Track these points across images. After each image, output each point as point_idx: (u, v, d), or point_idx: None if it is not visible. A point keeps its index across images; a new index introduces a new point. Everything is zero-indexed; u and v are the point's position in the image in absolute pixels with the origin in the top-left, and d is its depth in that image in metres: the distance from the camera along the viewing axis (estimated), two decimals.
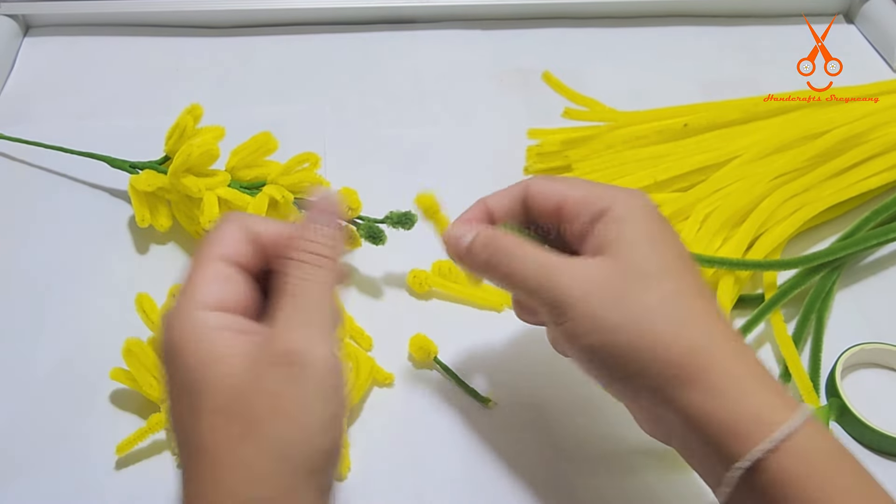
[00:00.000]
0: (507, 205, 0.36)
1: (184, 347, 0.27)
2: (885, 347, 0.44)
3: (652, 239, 0.32)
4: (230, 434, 0.26)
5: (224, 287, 0.28)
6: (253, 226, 0.30)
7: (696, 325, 0.30)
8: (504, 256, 0.33)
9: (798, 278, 0.47)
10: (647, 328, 0.29)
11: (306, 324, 0.27)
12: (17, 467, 0.39)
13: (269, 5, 0.66)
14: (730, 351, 0.30)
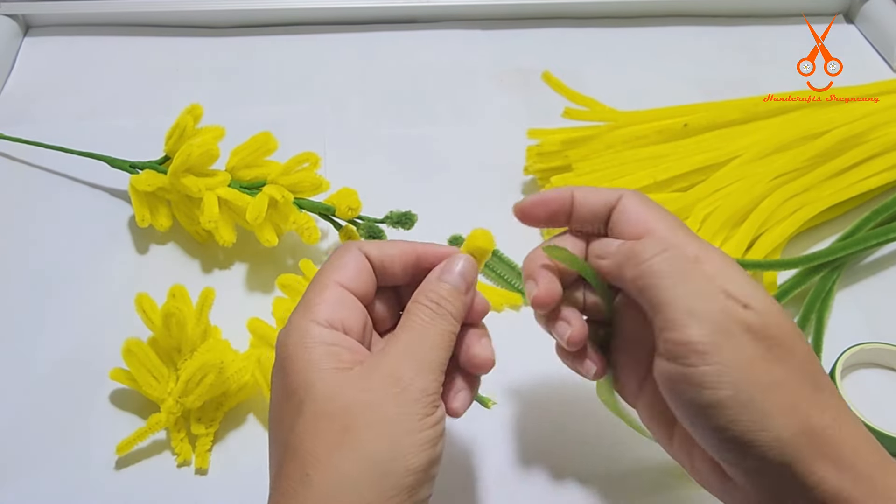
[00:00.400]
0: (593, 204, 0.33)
1: (296, 354, 0.29)
2: (885, 347, 0.44)
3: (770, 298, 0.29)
4: (329, 439, 0.27)
5: (338, 309, 0.30)
6: (371, 252, 0.32)
7: (833, 399, 0.28)
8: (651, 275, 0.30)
9: (798, 278, 0.47)
10: (795, 386, 0.27)
11: (417, 359, 0.29)
12: (17, 467, 0.39)
13: (269, 5, 0.66)
14: (860, 433, 0.28)
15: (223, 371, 0.39)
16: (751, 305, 0.28)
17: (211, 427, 0.40)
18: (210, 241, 0.49)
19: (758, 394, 0.27)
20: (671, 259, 0.29)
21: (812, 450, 0.27)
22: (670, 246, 0.30)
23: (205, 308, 0.41)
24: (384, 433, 0.27)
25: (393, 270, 0.33)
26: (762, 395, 0.27)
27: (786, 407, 0.27)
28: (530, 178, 0.54)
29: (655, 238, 0.31)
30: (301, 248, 0.49)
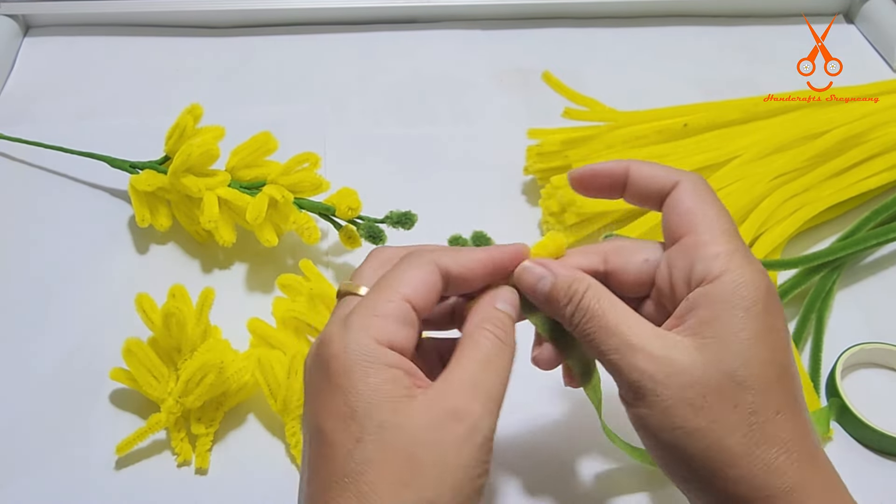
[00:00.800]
0: (647, 185, 0.32)
1: (356, 374, 0.27)
2: (885, 347, 0.44)
3: (756, 335, 0.28)
4: (392, 476, 0.26)
5: (400, 328, 0.28)
6: (450, 267, 0.30)
7: (775, 447, 0.27)
8: (587, 314, 0.29)
9: (798, 278, 0.47)
10: (723, 442, 0.27)
11: (484, 393, 0.27)
12: (17, 467, 0.39)
13: (269, 5, 0.66)
14: (816, 482, 0.27)
15: (223, 371, 0.39)
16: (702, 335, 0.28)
17: (211, 427, 0.40)
18: (210, 241, 0.49)
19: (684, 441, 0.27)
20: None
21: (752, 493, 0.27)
22: None
23: (205, 308, 0.41)
24: (448, 477, 0.26)
25: (471, 282, 0.31)
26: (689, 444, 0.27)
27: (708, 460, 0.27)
28: (530, 178, 0.54)
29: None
30: (301, 248, 0.49)
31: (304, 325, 0.42)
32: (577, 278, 0.30)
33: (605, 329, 0.29)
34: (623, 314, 0.29)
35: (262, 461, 0.40)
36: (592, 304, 0.29)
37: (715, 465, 0.27)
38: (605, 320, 0.29)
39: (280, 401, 0.39)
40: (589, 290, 0.30)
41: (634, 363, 0.28)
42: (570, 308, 0.30)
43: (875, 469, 0.41)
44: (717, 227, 0.30)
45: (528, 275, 0.31)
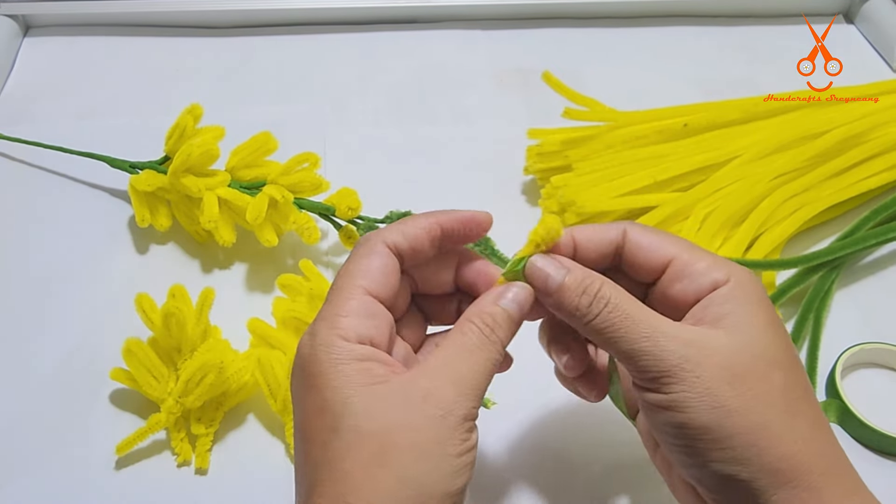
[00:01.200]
0: (597, 244, 0.32)
1: (328, 371, 0.27)
2: (885, 347, 0.44)
3: (772, 324, 0.29)
4: (368, 460, 0.26)
5: (365, 322, 0.29)
6: (398, 242, 0.30)
7: (806, 425, 0.28)
8: (608, 307, 0.29)
9: (797, 277, 0.47)
10: (765, 418, 0.27)
11: (461, 382, 0.28)
12: (17, 467, 0.39)
13: (270, 5, 0.66)
14: (833, 457, 0.28)
15: (223, 371, 0.39)
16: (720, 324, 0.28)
17: (211, 427, 0.40)
18: (210, 241, 0.49)
19: (725, 421, 0.27)
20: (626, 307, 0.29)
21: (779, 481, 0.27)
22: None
23: (205, 308, 0.41)
24: (424, 457, 0.26)
25: (422, 250, 0.31)
26: (729, 423, 0.27)
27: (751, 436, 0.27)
28: (530, 178, 0.54)
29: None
30: (301, 248, 0.49)
31: (304, 325, 0.42)
32: (590, 274, 0.30)
33: (631, 317, 0.28)
34: (643, 306, 0.29)
35: (262, 461, 0.40)
36: (614, 293, 0.29)
37: (758, 442, 0.27)
38: (629, 309, 0.29)
39: (280, 401, 0.39)
40: (605, 284, 0.29)
41: (669, 346, 0.28)
42: (587, 298, 0.29)
43: (875, 469, 0.41)
44: (687, 245, 0.31)
45: (539, 270, 0.31)
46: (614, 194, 0.48)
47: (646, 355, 0.28)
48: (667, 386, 0.28)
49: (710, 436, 0.27)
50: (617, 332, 0.29)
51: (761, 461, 0.27)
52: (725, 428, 0.27)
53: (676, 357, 0.28)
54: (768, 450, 0.27)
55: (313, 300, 0.42)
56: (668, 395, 0.28)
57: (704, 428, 0.27)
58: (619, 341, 0.29)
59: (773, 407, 0.28)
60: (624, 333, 0.28)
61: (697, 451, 0.28)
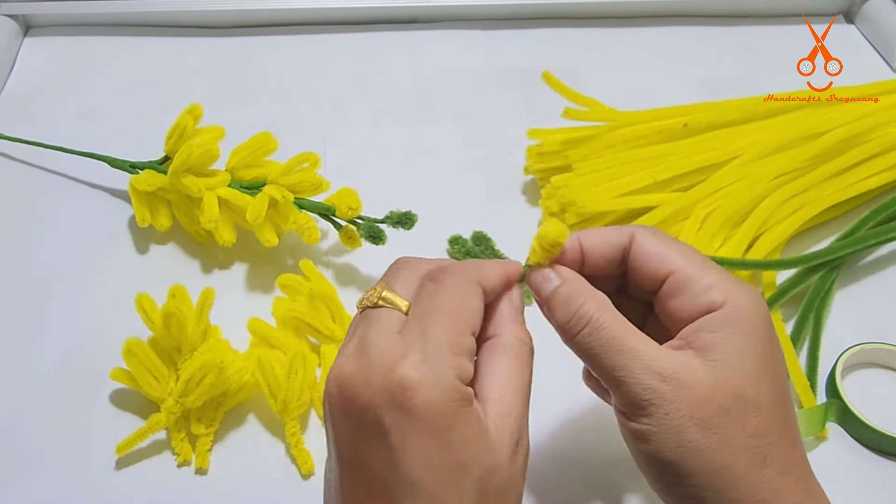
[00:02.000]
0: (604, 250, 0.31)
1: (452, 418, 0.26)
2: (885, 347, 0.44)
3: (761, 359, 0.28)
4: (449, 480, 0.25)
5: (469, 364, 0.27)
6: (484, 285, 0.30)
7: (774, 472, 0.27)
8: (587, 325, 0.29)
9: (797, 278, 0.47)
10: (729, 462, 0.27)
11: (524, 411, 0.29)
12: (17, 467, 0.39)
13: (269, 5, 0.66)
14: (801, 501, 0.28)
15: (223, 371, 0.39)
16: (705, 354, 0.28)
17: (211, 427, 0.40)
18: (210, 241, 0.49)
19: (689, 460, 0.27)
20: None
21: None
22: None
23: (205, 308, 0.41)
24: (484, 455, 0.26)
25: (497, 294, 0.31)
26: (692, 463, 0.27)
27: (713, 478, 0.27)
28: (530, 178, 0.54)
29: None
30: (301, 248, 0.49)
31: (304, 325, 0.42)
32: (580, 290, 0.30)
33: (610, 343, 0.28)
34: (628, 328, 0.29)
35: (262, 461, 0.40)
36: (596, 315, 0.29)
37: (718, 486, 0.27)
38: (611, 333, 0.28)
39: (280, 401, 0.39)
40: (589, 302, 0.29)
41: (643, 380, 0.28)
42: (567, 313, 0.29)
43: (875, 469, 0.41)
44: (694, 259, 0.30)
45: (532, 280, 0.31)
46: (614, 194, 0.48)
47: (621, 384, 0.28)
48: (638, 417, 0.28)
49: (674, 470, 0.28)
50: (595, 355, 0.29)
51: (720, 500, 0.27)
52: (689, 466, 0.27)
53: (649, 392, 0.27)
54: (728, 492, 0.27)
55: (313, 300, 0.42)
56: (638, 425, 0.28)
57: (669, 462, 0.28)
58: (597, 366, 0.29)
59: (739, 453, 0.27)
60: (602, 359, 0.28)
61: (662, 479, 0.29)
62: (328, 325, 0.42)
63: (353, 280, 0.48)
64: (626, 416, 0.29)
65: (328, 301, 0.42)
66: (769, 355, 0.29)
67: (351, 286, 0.48)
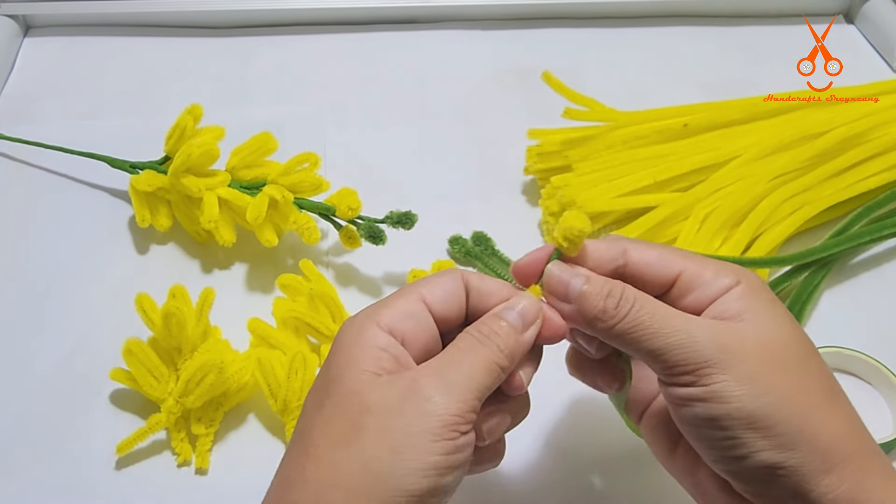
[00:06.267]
0: (595, 266, 0.31)
1: (344, 348, 0.29)
2: (845, 352, 0.43)
3: (789, 318, 0.29)
4: (335, 436, 0.27)
5: (405, 319, 0.29)
6: (469, 279, 0.31)
7: (843, 412, 0.28)
8: (635, 306, 0.28)
9: (787, 275, 0.47)
10: (810, 403, 0.27)
11: (446, 379, 0.28)
12: (17, 467, 0.39)
13: (269, 5, 0.66)
14: (869, 443, 0.28)
15: (223, 371, 0.39)
16: (743, 318, 0.28)
17: (211, 427, 0.40)
18: (210, 241, 0.49)
19: (772, 407, 0.27)
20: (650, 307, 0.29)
21: (825, 467, 0.27)
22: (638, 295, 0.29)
23: (205, 308, 0.41)
24: (390, 442, 0.26)
25: (491, 302, 0.31)
26: (777, 409, 0.27)
27: (799, 421, 0.27)
28: (530, 178, 0.54)
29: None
30: (301, 248, 0.49)
31: (304, 325, 0.42)
32: (610, 280, 0.30)
33: (660, 313, 0.28)
34: (666, 305, 0.29)
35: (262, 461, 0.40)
36: (637, 295, 0.29)
37: (806, 427, 0.27)
38: (656, 306, 0.28)
39: (280, 401, 0.39)
40: (626, 286, 0.29)
41: (705, 337, 0.27)
42: (612, 300, 0.29)
43: None
44: (694, 256, 0.30)
45: (557, 278, 0.30)
46: (614, 194, 0.48)
47: (680, 348, 0.27)
48: (706, 377, 0.27)
49: (758, 424, 0.27)
50: (648, 328, 0.28)
51: (810, 446, 0.26)
52: (773, 415, 0.27)
53: (714, 347, 0.27)
54: (816, 435, 0.27)
55: (313, 300, 0.42)
56: (707, 387, 0.27)
57: (750, 416, 0.27)
58: (651, 338, 0.28)
59: (816, 392, 0.27)
60: (656, 329, 0.28)
61: (741, 442, 0.27)
62: (328, 326, 0.42)
63: (353, 280, 0.48)
64: (684, 384, 0.28)
65: (328, 301, 0.42)
66: (792, 317, 0.30)
67: (351, 286, 0.48)
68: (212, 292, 0.41)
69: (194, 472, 0.40)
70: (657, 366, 0.28)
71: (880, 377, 0.43)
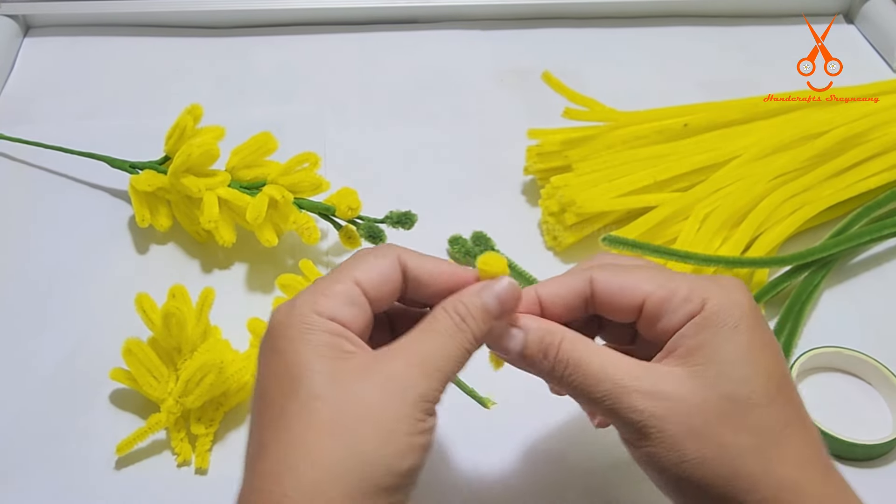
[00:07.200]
0: (564, 299, 0.31)
1: (297, 338, 0.28)
2: (841, 351, 0.43)
3: (752, 354, 0.28)
4: (320, 425, 0.26)
5: (346, 308, 0.29)
6: (408, 262, 0.30)
7: (790, 463, 0.27)
8: (569, 366, 0.29)
9: (786, 275, 0.47)
10: (738, 465, 0.27)
11: (426, 365, 0.27)
12: (17, 467, 0.39)
13: (269, 5, 0.66)
14: (826, 494, 0.27)
15: (223, 371, 0.39)
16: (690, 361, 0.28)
17: (211, 427, 0.40)
18: (210, 241, 0.49)
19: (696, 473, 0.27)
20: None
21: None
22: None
23: (205, 308, 0.41)
24: (375, 432, 0.26)
25: (426, 289, 0.30)
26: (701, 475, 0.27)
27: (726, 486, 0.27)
28: (530, 178, 0.54)
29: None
30: (301, 248, 0.49)
31: None
32: (549, 330, 0.30)
33: (592, 376, 0.28)
34: (605, 356, 0.29)
35: None
36: (572, 354, 0.29)
37: (733, 493, 0.27)
38: (589, 367, 0.28)
39: None
40: (563, 340, 0.29)
41: (631, 404, 0.27)
42: (549, 363, 0.29)
43: None
44: (662, 278, 0.30)
45: (496, 340, 0.30)
46: (614, 194, 0.48)
47: (612, 414, 0.28)
48: (638, 441, 0.28)
49: (688, 488, 0.27)
50: (583, 392, 0.29)
51: (761, 497, 0.27)
52: (701, 479, 0.27)
53: (640, 414, 0.27)
54: (747, 494, 0.27)
55: None
56: (640, 450, 0.28)
57: (680, 480, 0.27)
58: (587, 401, 0.29)
59: (747, 453, 0.27)
60: (589, 394, 0.28)
61: (683, 500, 0.28)
62: None
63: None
64: (629, 443, 0.29)
65: None
66: (757, 346, 0.28)
67: None
68: (212, 292, 0.41)
69: (194, 472, 0.40)
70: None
71: (880, 377, 0.43)
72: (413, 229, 0.45)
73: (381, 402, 0.26)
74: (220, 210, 0.46)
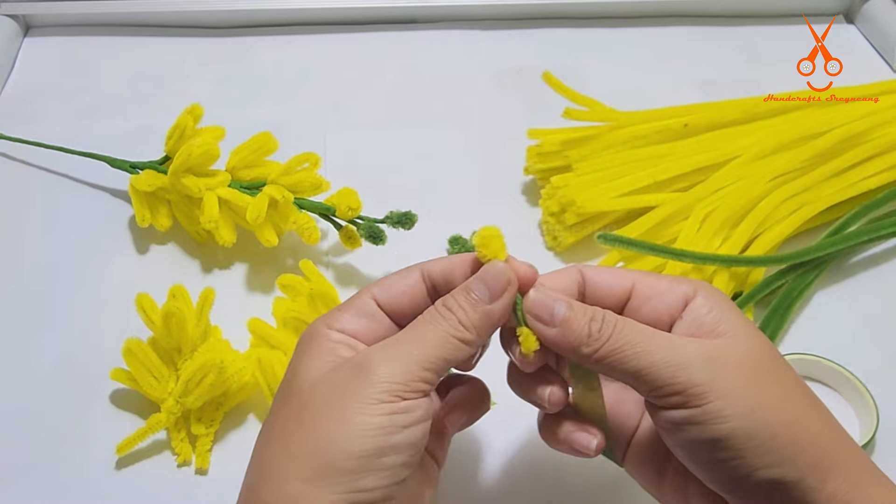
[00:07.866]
0: (560, 285, 0.31)
1: (303, 349, 0.30)
2: (810, 359, 0.43)
3: (754, 325, 0.30)
4: (288, 413, 0.28)
5: (357, 320, 0.31)
6: (431, 269, 0.32)
7: (824, 416, 0.28)
8: (617, 328, 0.28)
9: (779, 275, 0.47)
10: (798, 411, 0.27)
11: (393, 351, 0.28)
12: (17, 467, 0.39)
13: (269, 5, 0.66)
14: (851, 444, 0.28)
15: (223, 371, 0.39)
16: (720, 332, 0.29)
17: (211, 427, 0.40)
18: (210, 241, 0.49)
19: (765, 422, 0.27)
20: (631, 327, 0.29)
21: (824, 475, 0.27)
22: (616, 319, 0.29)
23: (205, 308, 0.41)
24: (333, 413, 0.27)
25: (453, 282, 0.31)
26: (770, 423, 0.27)
27: (792, 432, 0.27)
28: (530, 178, 0.54)
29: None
30: (301, 248, 0.49)
31: (304, 326, 0.42)
32: (590, 306, 0.30)
33: (643, 333, 0.28)
34: (647, 328, 0.29)
35: None
36: (618, 318, 0.29)
37: (799, 437, 0.27)
38: (639, 327, 0.28)
39: None
40: (606, 311, 0.29)
41: (690, 357, 0.27)
42: (595, 324, 0.29)
43: None
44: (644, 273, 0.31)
45: (541, 303, 0.30)
46: (614, 194, 0.48)
47: (667, 366, 0.27)
48: (697, 398, 0.27)
49: (753, 441, 0.26)
50: (633, 349, 0.28)
51: (807, 455, 0.27)
52: (767, 429, 0.26)
53: (701, 365, 0.27)
54: (810, 443, 0.27)
55: (313, 300, 0.42)
56: (700, 408, 0.27)
57: (747, 434, 0.26)
58: (636, 358, 0.28)
59: (800, 400, 0.28)
60: (641, 349, 0.28)
61: (741, 461, 0.27)
62: None
63: (353, 280, 0.48)
64: (674, 406, 0.27)
65: (328, 301, 0.42)
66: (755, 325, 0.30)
67: (351, 286, 0.48)
68: (212, 292, 0.41)
69: (194, 472, 0.40)
70: (644, 387, 0.28)
71: (846, 383, 0.42)
72: (413, 229, 0.45)
73: (343, 386, 0.28)
74: (221, 210, 0.46)
